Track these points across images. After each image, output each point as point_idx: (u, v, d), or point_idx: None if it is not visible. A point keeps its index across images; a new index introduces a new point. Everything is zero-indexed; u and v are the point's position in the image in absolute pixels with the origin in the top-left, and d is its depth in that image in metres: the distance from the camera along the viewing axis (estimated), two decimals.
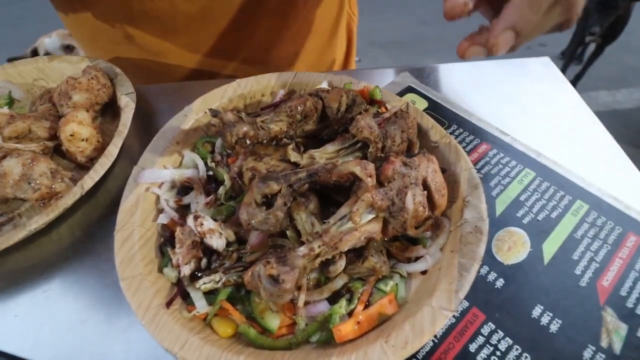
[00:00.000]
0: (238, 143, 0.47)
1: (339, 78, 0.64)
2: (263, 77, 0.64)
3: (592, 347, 0.45)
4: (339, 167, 0.50)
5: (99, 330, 0.48)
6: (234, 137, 0.46)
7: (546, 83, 0.79)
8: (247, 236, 0.50)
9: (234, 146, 0.47)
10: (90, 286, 0.52)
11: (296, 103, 0.53)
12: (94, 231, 0.58)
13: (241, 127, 0.46)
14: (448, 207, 0.52)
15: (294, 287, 0.40)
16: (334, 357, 0.40)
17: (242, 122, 0.47)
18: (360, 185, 0.47)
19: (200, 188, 0.54)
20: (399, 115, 0.56)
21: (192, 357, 0.40)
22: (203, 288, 0.47)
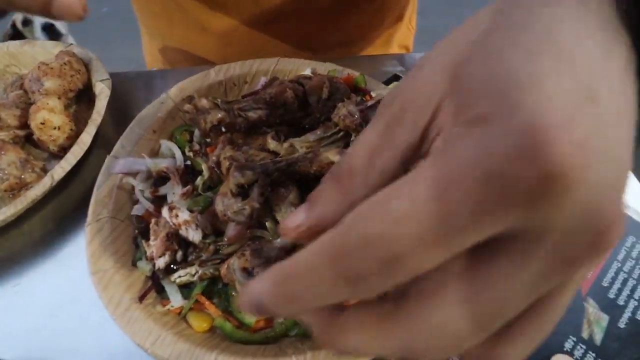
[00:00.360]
0: (213, 130, 0.45)
1: (323, 65, 0.63)
2: (244, 64, 0.62)
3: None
4: (319, 156, 0.48)
5: (71, 325, 0.47)
6: (209, 124, 0.44)
7: None
8: (225, 228, 0.48)
9: (209, 134, 0.45)
10: (63, 280, 0.51)
11: (276, 90, 0.51)
12: (67, 223, 0.56)
13: (216, 113, 0.45)
14: None
15: None
16: (310, 350, 0.39)
17: (218, 108, 0.45)
18: None
19: (176, 178, 0.52)
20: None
21: (163, 352, 0.39)
22: (178, 281, 0.46)
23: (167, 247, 0.46)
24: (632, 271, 0.50)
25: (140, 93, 0.72)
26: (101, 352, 0.45)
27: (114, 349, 0.45)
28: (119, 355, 0.45)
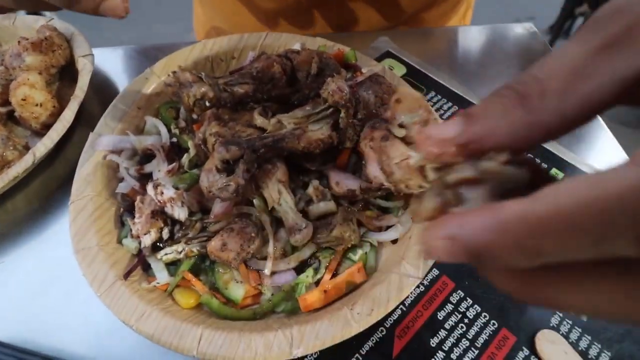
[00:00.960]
0: (196, 105, 0.44)
1: (313, 40, 0.61)
2: (231, 38, 0.60)
3: (560, 313, 0.45)
4: (307, 132, 0.47)
5: (57, 303, 0.46)
6: (192, 98, 0.43)
7: (530, 49, 0.76)
8: (212, 205, 0.48)
9: (193, 109, 0.44)
10: (48, 258, 0.50)
11: (263, 65, 0.49)
12: (51, 202, 0.55)
13: (199, 87, 0.43)
14: None
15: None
16: (296, 325, 0.39)
17: (201, 82, 0.44)
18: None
19: (162, 155, 0.51)
20: (373, 79, 0.53)
21: (149, 328, 0.39)
22: (165, 259, 0.45)
23: (153, 225, 0.45)
24: None
25: (125, 69, 0.70)
26: (87, 329, 0.44)
27: (100, 326, 0.45)
28: (104, 332, 0.44)
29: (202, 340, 0.38)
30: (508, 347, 0.43)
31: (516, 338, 0.43)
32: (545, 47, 0.77)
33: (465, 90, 0.66)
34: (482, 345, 0.43)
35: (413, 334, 0.43)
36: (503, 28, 0.79)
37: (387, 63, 0.69)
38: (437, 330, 0.44)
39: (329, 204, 0.47)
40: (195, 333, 0.39)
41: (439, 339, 0.43)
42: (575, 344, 0.43)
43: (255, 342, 0.38)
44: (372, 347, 0.43)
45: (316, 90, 0.53)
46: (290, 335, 0.38)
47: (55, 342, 0.44)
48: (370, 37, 0.73)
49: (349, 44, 0.60)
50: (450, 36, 0.78)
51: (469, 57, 0.74)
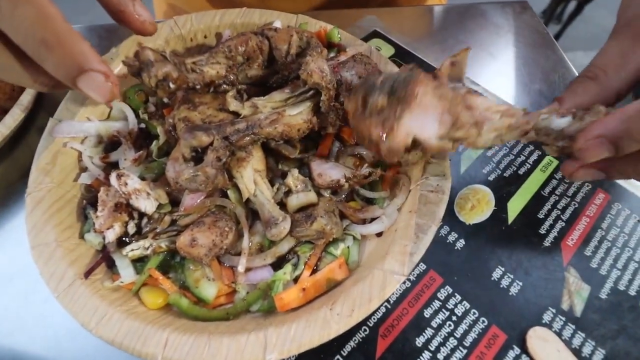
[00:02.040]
0: (159, 87, 0.40)
1: (294, 17, 0.57)
2: (205, 15, 0.56)
3: (552, 309, 0.43)
4: (284, 117, 0.43)
5: (13, 303, 0.43)
6: (153, 79, 0.39)
7: (523, 29, 0.73)
8: (182, 197, 0.44)
9: (155, 91, 0.40)
10: (4, 256, 0.46)
11: (236, 42, 0.45)
12: (10, 193, 0.51)
13: (161, 66, 0.39)
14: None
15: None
16: (271, 327, 0.36)
17: (165, 61, 0.40)
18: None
19: (128, 143, 0.47)
20: (357, 59, 0.50)
21: (109, 332, 0.35)
22: (130, 255, 0.42)
23: (116, 219, 0.42)
24: (616, 240, 0.48)
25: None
26: (45, 333, 0.41)
27: (59, 328, 0.41)
28: (64, 334, 0.41)
29: (168, 346, 0.35)
30: (498, 345, 0.40)
31: (506, 336, 0.41)
32: (540, 26, 0.73)
33: None
34: (470, 344, 0.40)
35: (398, 333, 0.41)
36: (498, 7, 0.75)
37: (374, 43, 0.65)
38: (423, 329, 0.41)
39: (309, 195, 0.43)
40: (160, 337, 0.35)
41: (425, 338, 0.41)
42: (569, 342, 0.41)
43: (225, 346, 0.35)
44: (354, 348, 0.40)
45: (296, 71, 0.49)
46: (264, 338, 0.35)
47: (11, 346, 0.40)
48: (355, 15, 0.68)
49: (332, 22, 0.56)
50: (442, 14, 0.74)
51: (460, 37, 0.71)
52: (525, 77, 0.65)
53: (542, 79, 0.65)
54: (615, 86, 0.33)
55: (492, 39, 0.71)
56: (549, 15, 2.74)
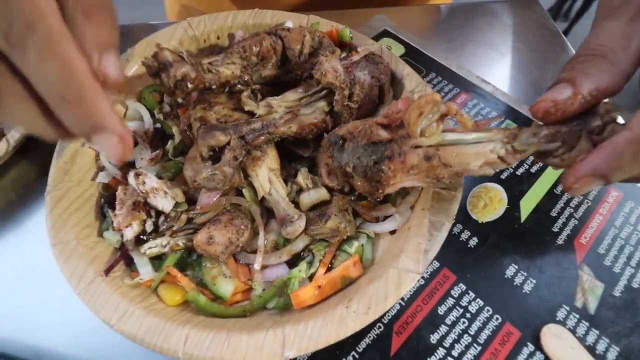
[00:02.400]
0: (178, 87, 0.40)
1: (306, 18, 0.57)
2: (218, 16, 0.56)
3: (566, 307, 0.43)
4: (299, 116, 0.44)
5: (34, 301, 0.44)
6: (172, 80, 0.40)
7: (532, 27, 0.72)
8: (198, 195, 0.45)
9: (174, 91, 0.41)
10: (25, 253, 0.47)
11: (250, 42, 0.45)
12: (29, 192, 0.52)
13: (180, 67, 0.40)
14: None
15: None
16: (289, 324, 0.36)
17: (183, 61, 0.40)
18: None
19: (145, 142, 0.48)
20: (369, 59, 0.50)
21: (130, 329, 0.36)
22: (149, 253, 0.42)
23: (135, 217, 0.42)
24: (630, 237, 0.48)
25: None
26: (65, 329, 0.42)
27: (80, 325, 0.42)
28: (84, 332, 0.42)
29: (188, 341, 0.36)
30: (512, 342, 0.41)
31: (520, 333, 0.41)
32: (550, 23, 0.73)
33: (466, 72, 0.63)
34: (484, 341, 0.41)
35: (412, 330, 0.41)
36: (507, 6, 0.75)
37: (385, 42, 0.65)
38: (437, 326, 0.42)
39: (320, 192, 0.44)
40: (181, 333, 0.36)
41: (439, 335, 0.41)
42: (583, 339, 0.41)
43: (244, 343, 0.35)
44: (369, 345, 0.41)
45: (309, 71, 0.50)
46: (282, 335, 0.36)
47: (32, 343, 0.41)
48: (365, 14, 0.69)
49: (342, 22, 0.56)
50: (451, 13, 0.74)
51: (469, 35, 0.71)
52: (535, 75, 0.65)
53: (552, 77, 0.65)
54: (624, 67, 0.31)
55: (501, 37, 0.71)
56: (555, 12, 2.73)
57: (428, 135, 0.36)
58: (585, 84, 0.30)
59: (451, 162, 0.35)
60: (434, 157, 0.36)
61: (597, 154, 0.30)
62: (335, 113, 0.45)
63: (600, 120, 0.31)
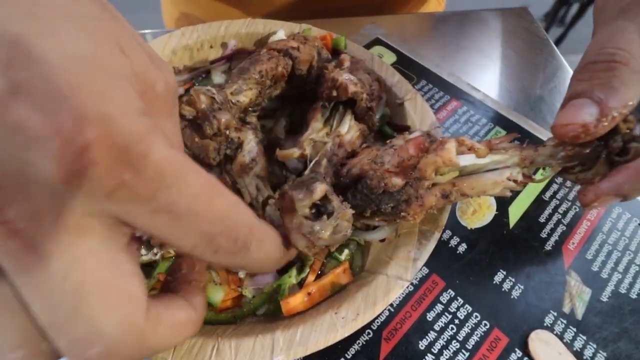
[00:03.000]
0: (218, 135, 0.39)
1: (298, 26, 0.58)
2: (211, 26, 0.57)
3: (554, 312, 0.43)
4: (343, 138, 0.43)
5: None
6: (214, 130, 0.39)
7: (523, 35, 0.74)
8: None
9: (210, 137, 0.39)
10: None
11: (267, 67, 0.45)
12: None
13: (222, 115, 0.39)
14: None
15: None
16: (278, 330, 0.37)
17: (222, 110, 0.39)
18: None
19: None
20: (354, 61, 0.51)
21: None
22: (140, 260, 0.43)
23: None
24: (617, 243, 0.48)
25: None
26: None
27: None
28: None
29: (177, 347, 0.36)
30: (500, 348, 0.41)
31: (509, 339, 0.42)
32: (540, 31, 0.74)
33: (456, 79, 0.64)
34: (473, 347, 0.41)
35: (401, 336, 0.42)
36: (497, 13, 0.77)
37: (377, 51, 0.66)
38: (426, 332, 0.42)
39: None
40: None
41: (428, 341, 0.41)
42: (570, 345, 0.41)
43: (233, 349, 0.36)
44: (358, 351, 0.41)
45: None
46: (272, 341, 0.36)
47: None
48: (357, 23, 0.70)
49: (334, 30, 0.57)
50: (443, 21, 0.75)
51: (461, 43, 0.72)
52: (526, 82, 0.66)
53: (542, 84, 0.66)
54: None
55: (492, 45, 0.72)
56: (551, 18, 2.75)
57: (442, 174, 0.36)
58: (612, 101, 0.27)
59: (468, 193, 0.36)
60: (451, 194, 0.36)
61: (621, 174, 0.30)
62: (361, 118, 0.46)
63: (621, 140, 0.30)
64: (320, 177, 0.36)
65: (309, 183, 0.34)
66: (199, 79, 0.56)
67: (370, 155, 0.39)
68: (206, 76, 0.57)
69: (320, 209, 0.34)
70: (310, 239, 0.33)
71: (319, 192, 0.33)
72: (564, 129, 0.29)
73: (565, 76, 0.67)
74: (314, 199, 0.33)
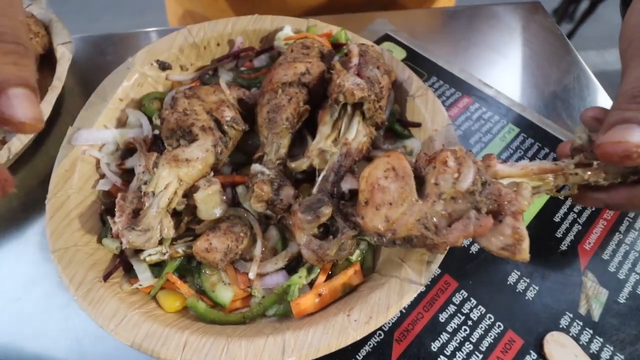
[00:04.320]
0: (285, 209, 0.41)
1: (304, 22, 0.57)
2: (217, 23, 0.56)
3: (570, 314, 0.42)
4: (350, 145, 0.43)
5: (36, 307, 0.44)
6: (285, 207, 0.40)
7: (536, 30, 0.72)
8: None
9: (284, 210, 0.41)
10: (27, 260, 0.47)
11: (290, 110, 0.45)
12: (31, 200, 0.52)
13: (284, 194, 0.40)
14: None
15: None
16: (289, 331, 0.36)
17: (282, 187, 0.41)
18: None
19: (143, 149, 0.48)
20: (363, 54, 0.49)
21: (128, 335, 0.36)
22: (148, 260, 0.42)
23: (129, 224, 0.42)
24: (635, 243, 0.47)
25: (109, 57, 0.66)
26: (67, 335, 0.42)
27: (81, 332, 0.42)
28: (87, 338, 0.42)
29: (187, 347, 0.35)
30: (514, 350, 0.40)
31: (523, 341, 0.41)
32: (554, 27, 0.72)
33: (468, 76, 0.62)
34: (486, 349, 0.40)
35: (413, 338, 0.41)
36: (510, 8, 0.75)
37: (386, 46, 0.65)
38: (438, 334, 0.41)
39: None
40: (179, 339, 0.36)
41: (440, 342, 0.41)
42: (586, 347, 0.40)
43: (243, 349, 0.35)
44: (369, 352, 0.40)
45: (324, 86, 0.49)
46: (282, 342, 0.36)
47: (33, 350, 0.41)
48: (366, 18, 0.69)
49: (343, 26, 0.56)
50: (453, 16, 0.74)
51: (471, 38, 0.70)
52: (538, 79, 0.65)
53: (556, 80, 0.64)
54: None
55: (504, 40, 0.70)
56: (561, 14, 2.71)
57: None
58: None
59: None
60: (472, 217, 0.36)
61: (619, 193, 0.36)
62: (368, 119, 0.45)
63: None
64: (326, 200, 0.38)
65: (316, 207, 0.37)
66: (206, 76, 0.56)
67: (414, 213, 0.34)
68: (213, 74, 0.56)
69: (327, 226, 0.38)
70: (318, 254, 0.37)
71: (324, 217, 0.37)
72: (614, 147, 0.29)
73: (579, 72, 0.65)
74: (321, 222, 0.37)
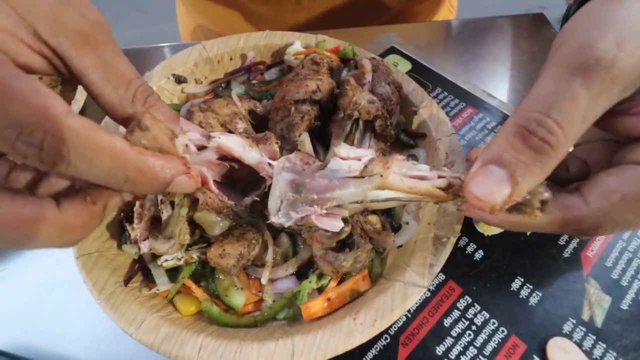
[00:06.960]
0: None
1: (314, 37, 0.59)
2: (231, 39, 0.59)
3: (573, 320, 0.43)
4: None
5: (57, 310, 0.46)
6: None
7: (539, 42, 0.73)
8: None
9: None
10: (50, 264, 0.50)
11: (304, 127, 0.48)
12: None
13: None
14: None
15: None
16: (298, 335, 0.38)
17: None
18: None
19: None
20: (375, 69, 0.52)
21: (148, 338, 0.38)
22: (165, 265, 0.44)
23: (152, 231, 0.45)
24: (638, 250, 0.48)
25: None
26: (87, 337, 0.44)
27: (101, 333, 0.44)
28: (105, 339, 0.44)
29: (202, 350, 0.37)
30: (518, 355, 0.41)
31: (526, 346, 0.42)
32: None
33: (472, 87, 0.64)
34: (490, 354, 0.41)
35: (418, 342, 0.42)
36: (513, 20, 0.77)
37: (392, 59, 0.67)
38: (443, 338, 0.42)
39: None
40: (196, 342, 0.38)
41: (445, 346, 0.42)
42: (589, 353, 0.41)
43: (255, 352, 0.37)
44: (375, 355, 0.42)
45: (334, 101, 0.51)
46: (292, 345, 0.37)
47: (55, 350, 0.44)
48: (372, 32, 0.71)
49: (349, 40, 0.59)
50: (457, 28, 0.76)
51: (476, 51, 0.72)
52: None
53: None
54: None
55: (508, 52, 0.72)
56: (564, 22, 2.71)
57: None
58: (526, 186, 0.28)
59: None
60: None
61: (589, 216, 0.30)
62: (379, 134, 0.47)
63: None
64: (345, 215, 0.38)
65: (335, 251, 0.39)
66: (219, 88, 0.58)
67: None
68: (226, 86, 0.59)
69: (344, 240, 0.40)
70: (334, 265, 0.40)
71: (344, 234, 0.39)
72: (477, 202, 0.28)
73: None
74: (340, 238, 0.39)
